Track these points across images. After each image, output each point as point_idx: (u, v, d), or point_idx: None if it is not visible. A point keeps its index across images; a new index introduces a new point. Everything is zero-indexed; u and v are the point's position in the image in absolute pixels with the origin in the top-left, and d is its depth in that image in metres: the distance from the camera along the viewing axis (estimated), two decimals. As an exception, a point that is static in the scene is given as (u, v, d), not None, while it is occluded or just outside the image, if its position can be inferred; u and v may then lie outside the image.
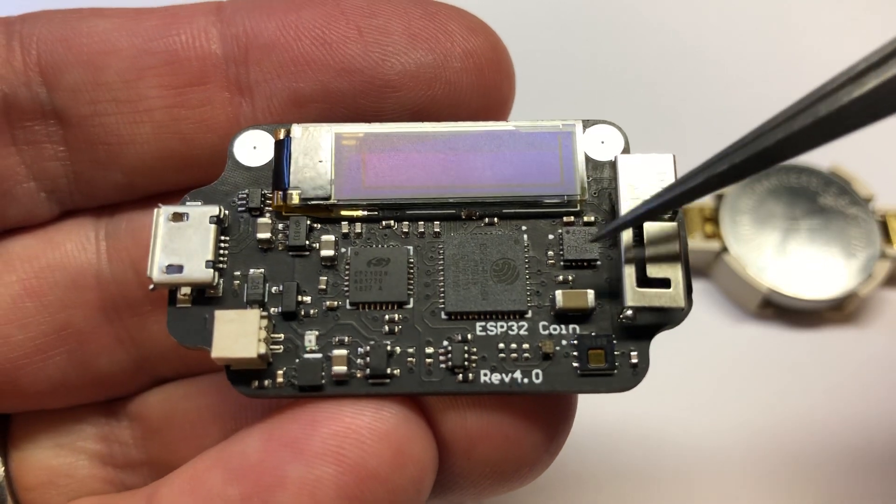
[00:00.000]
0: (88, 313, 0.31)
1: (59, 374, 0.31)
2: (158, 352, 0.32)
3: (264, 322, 0.26)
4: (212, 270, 0.26)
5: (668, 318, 0.26)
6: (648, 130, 0.34)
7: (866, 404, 0.45)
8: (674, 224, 0.26)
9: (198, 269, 0.26)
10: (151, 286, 0.27)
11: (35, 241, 0.31)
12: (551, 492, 0.42)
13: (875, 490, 0.43)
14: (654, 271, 0.26)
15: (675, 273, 0.26)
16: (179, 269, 0.26)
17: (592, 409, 0.40)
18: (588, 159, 0.28)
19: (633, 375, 0.26)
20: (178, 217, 0.27)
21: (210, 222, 0.27)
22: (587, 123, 0.28)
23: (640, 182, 0.27)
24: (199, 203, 0.28)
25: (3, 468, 0.32)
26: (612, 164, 0.28)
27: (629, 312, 0.26)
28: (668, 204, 0.25)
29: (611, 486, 0.43)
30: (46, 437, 0.33)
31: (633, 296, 0.26)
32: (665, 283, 0.26)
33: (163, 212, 0.27)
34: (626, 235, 0.26)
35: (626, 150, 0.28)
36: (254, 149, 0.28)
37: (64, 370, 0.31)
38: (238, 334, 0.25)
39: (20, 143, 0.30)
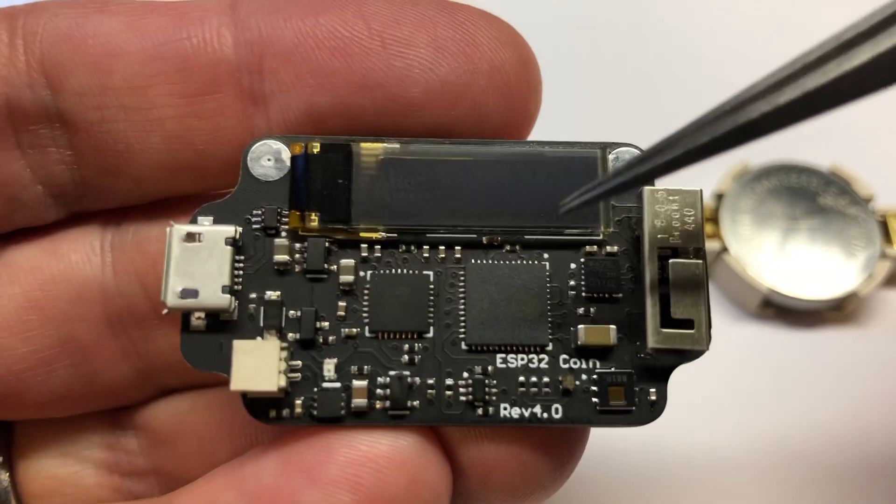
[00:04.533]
0: (93, 326, 0.30)
1: (62, 386, 0.31)
2: (164, 364, 0.31)
3: (284, 353, 0.26)
4: (228, 296, 0.26)
5: (688, 356, 0.26)
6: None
7: (866, 404, 0.45)
8: (699, 262, 0.26)
9: (214, 294, 0.26)
10: (165, 311, 0.26)
11: (39, 252, 0.30)
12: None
13: (874, 490, 0.43)
14: (678, 311, 0.26)
15: (697, 313, 0.26)
16: (194, 293, 0.26)
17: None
18: None
19: (651, 412, 0.26)
20: (191, 237, 0.26)
21: (226, 244, 0.26)
22: (612, 146, 0.28)
23: (665, 215, 0.26)
24: (212, 219, 0.27)
25: (7, 474, 0.32)
26: (638, 195, 0.27)
27: (651, 351, 0.26)
28: (639, 179, 0.24)
29: (609, 485, 0.43)
30: (52, 445, 0.32)
31: (657, 338, 0.25)
32: (688, 323, 0.25)
33: (175, 232, 0.26)
34: (651, 273, 0.26)
35: None
36: (269, 161, 0.27)
37: (68, 382, 0.31)
38: (258, 366, 0.25)
39: (25, 147, 0.29)
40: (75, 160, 0.29)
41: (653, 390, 0.26)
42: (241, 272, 0.27)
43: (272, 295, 0.27)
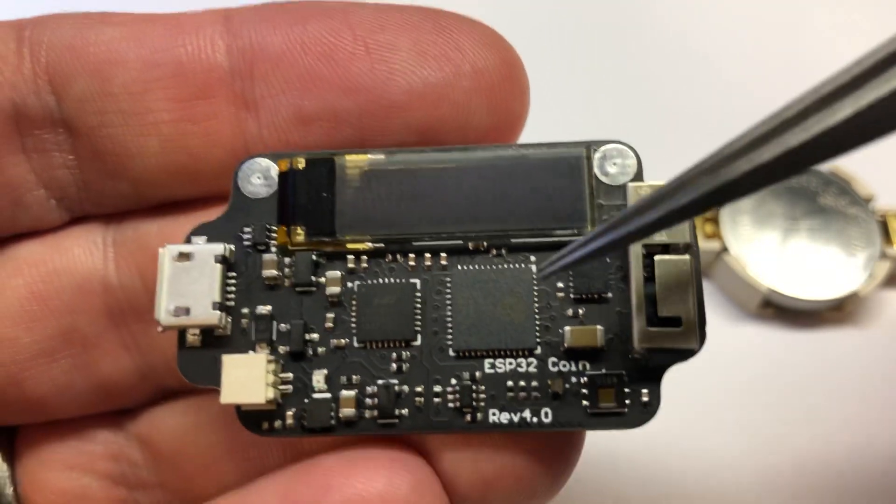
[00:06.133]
0: (94, 318, 0.31)
1: (64, 379, 0.31)
2: (163, 361, 0.32)
3: (272, 366, 0.26)
4: (219, 312, 0.26)
5: (680, 355, 0.26)
6: (662, 146, 0.33)
7: (866, 404, 0.45)
8: (686, 258, 0.25)
9: (204, 311, 0.26)
10: (160, 328, 0.26)
11: (43, 247, 0.31)
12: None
13: (875, 491, 0.43)
14: (665, 309, 0.25)
15: (686, 311, 0.25)
16: (186, 311, 0.26)
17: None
18: (599, 184, 0.27)
19: (644, 413, 0.26)
20: (183, 256, 0.27)
21: (215, 262, 0.27)
22: (598, 144, 0.27)
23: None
24: (205, 238, 0.27)
25: (11, 489, 0.32)
26: (623, 191, 0.27)
27: (641, 350, 0.25)
28: (620, 242, 0.23)
29: (606, 486, 0.43)
30: (56, 458, 0.33)
31: (643, 337, 0.25)
32: (676, 321, 0.25)
33: (167, 252, 0.27)
34: (636, 271, 0.26)
35: (640, 171, 0.27)
36: (259, 179, 0.28)
37: (69, 374, 0.31)
38: (247, 379, 0.25)
39: (30, 152, 0.30)
40: (77, 164, 0.30)
41: (645, 391, 0.26)
42: (234, 288, 0.27)
43: (263, 309, 0.27)
